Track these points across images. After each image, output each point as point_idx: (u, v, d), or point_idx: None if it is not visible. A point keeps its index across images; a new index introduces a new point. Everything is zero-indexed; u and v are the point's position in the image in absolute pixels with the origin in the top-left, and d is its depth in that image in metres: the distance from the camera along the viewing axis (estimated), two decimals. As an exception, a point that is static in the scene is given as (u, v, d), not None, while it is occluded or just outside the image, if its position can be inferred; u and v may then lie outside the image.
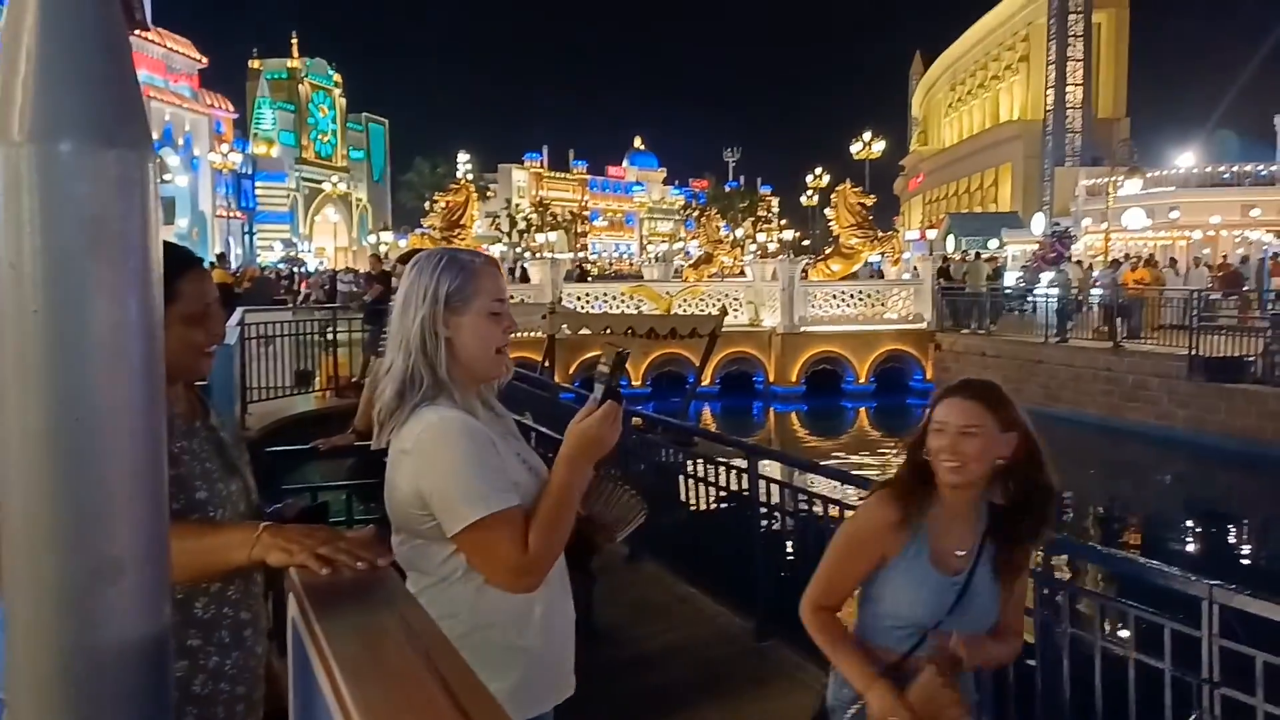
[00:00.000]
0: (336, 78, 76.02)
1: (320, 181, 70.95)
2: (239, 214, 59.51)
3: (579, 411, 1.89)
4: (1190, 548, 14.10)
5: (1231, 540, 14.75)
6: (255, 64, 70.32)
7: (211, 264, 33.12)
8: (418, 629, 1.14)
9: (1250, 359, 16.80)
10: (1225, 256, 29.75)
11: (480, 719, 0.88)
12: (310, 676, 1.07)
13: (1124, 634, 3.48)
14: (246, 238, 60.35)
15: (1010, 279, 31.68)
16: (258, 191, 65.54)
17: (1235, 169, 47.73)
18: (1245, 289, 23.29)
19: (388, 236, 62.53)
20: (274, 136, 67.13)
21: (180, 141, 51.55)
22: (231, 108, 59.77)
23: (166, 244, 1.89)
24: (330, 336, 14.08)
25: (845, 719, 2.33)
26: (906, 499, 2.32)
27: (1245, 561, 13.62)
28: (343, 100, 77.19)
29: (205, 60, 55.91)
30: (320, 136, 74.41)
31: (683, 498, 6.81)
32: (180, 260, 1.81)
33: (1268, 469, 15.51)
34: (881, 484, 2.41)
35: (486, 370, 1.95)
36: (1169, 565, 2.90)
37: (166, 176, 45.56)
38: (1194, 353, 17.32)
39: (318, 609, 1.20)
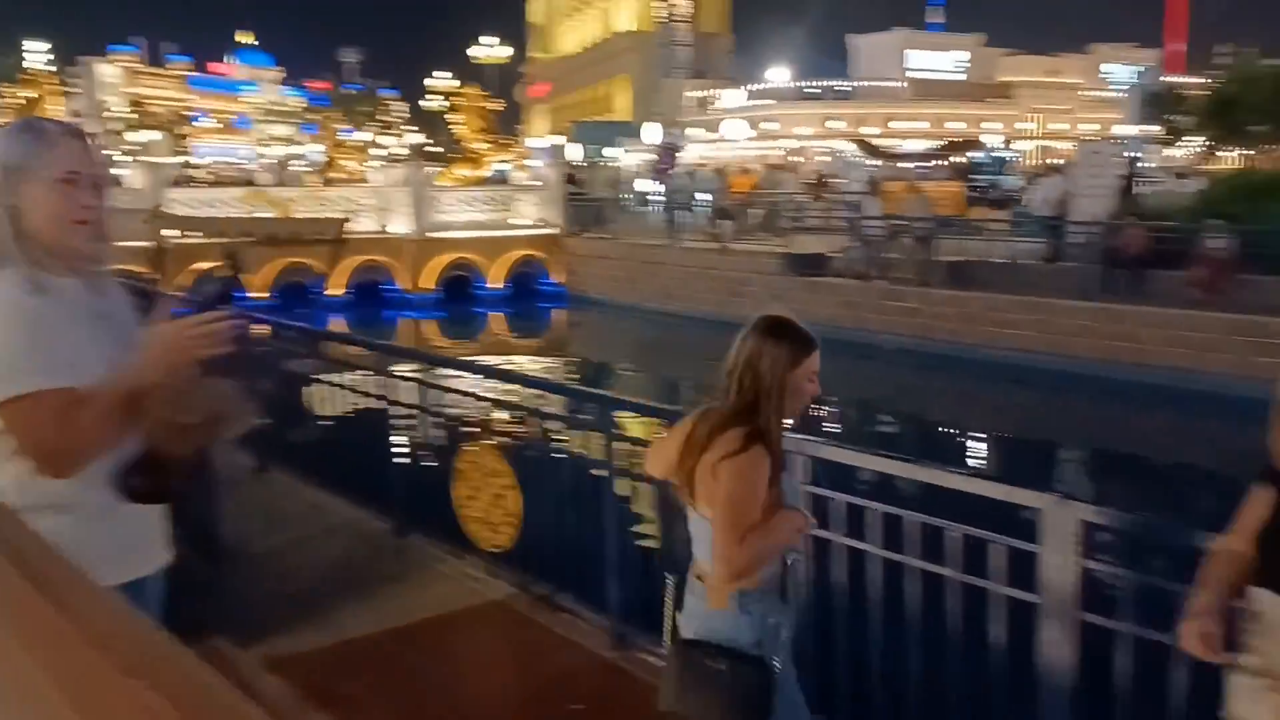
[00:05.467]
0: None
1: None
2: None
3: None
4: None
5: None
6: None
7: None
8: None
9: (833, 256, 18.96)
10: (820, 175, 33.04)
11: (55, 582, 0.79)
12: None
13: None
14: None
15: (639, 185, 33.09)
16: None
17: (821, 85, 52.98)
18: (829, 195, 26.10)
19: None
20: None
21: None
22: None
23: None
24: None
25: (779, 639, 2.42)
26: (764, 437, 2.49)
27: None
28: None
29: None
30: None
31: (314, 408, 6.55)
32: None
33: (843, 351, 17.70)
34: (745, 437, 2.41)
35: (59, 242, 1.82)
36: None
37: None
38: (787, 251, 19.22)
39: None
